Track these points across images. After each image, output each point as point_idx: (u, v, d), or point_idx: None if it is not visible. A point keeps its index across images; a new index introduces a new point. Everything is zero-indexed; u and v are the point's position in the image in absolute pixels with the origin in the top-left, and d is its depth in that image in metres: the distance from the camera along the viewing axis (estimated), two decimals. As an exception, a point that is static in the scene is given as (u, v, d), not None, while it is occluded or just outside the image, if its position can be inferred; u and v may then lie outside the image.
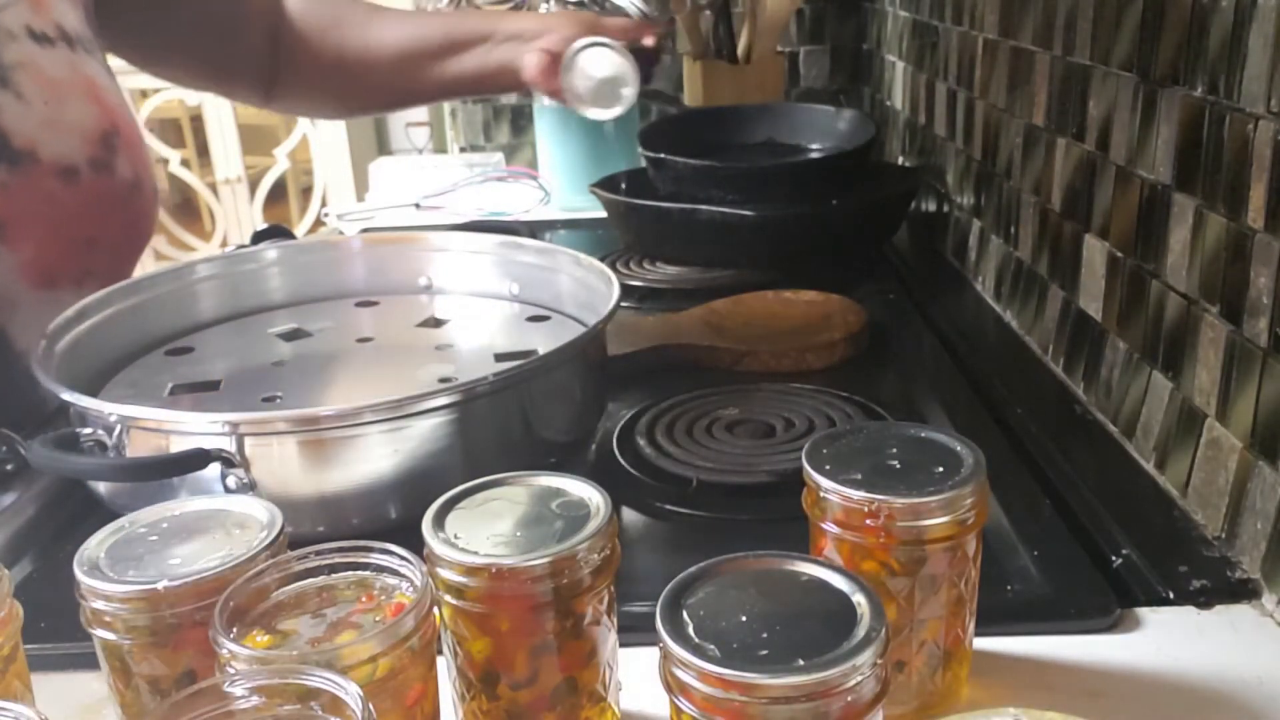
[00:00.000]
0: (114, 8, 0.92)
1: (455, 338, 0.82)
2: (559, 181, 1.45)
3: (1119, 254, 0.73)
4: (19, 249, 0.79)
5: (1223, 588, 0.56)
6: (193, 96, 3.42)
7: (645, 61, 1.05)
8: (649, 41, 1.05)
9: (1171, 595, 0.56)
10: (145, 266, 0.94)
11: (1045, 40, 0.84)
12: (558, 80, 1.02)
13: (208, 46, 1.05)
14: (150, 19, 0.98)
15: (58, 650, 0.54)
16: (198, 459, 0.58)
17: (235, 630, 0.41)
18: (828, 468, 0.46)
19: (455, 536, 0.44)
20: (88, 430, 0.62)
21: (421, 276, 0.90)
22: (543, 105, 1.43)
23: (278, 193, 3.53)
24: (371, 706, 0.34)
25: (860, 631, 0.36)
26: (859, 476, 0.45)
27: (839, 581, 0.39)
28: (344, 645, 0.39)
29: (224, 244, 3.44)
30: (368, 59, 1.08)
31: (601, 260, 0.81)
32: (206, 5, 1.03)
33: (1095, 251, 0.77)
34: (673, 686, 0.37)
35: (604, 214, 1.21)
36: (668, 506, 0.68)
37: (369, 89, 1.12)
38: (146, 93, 3.43)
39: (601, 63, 1.01)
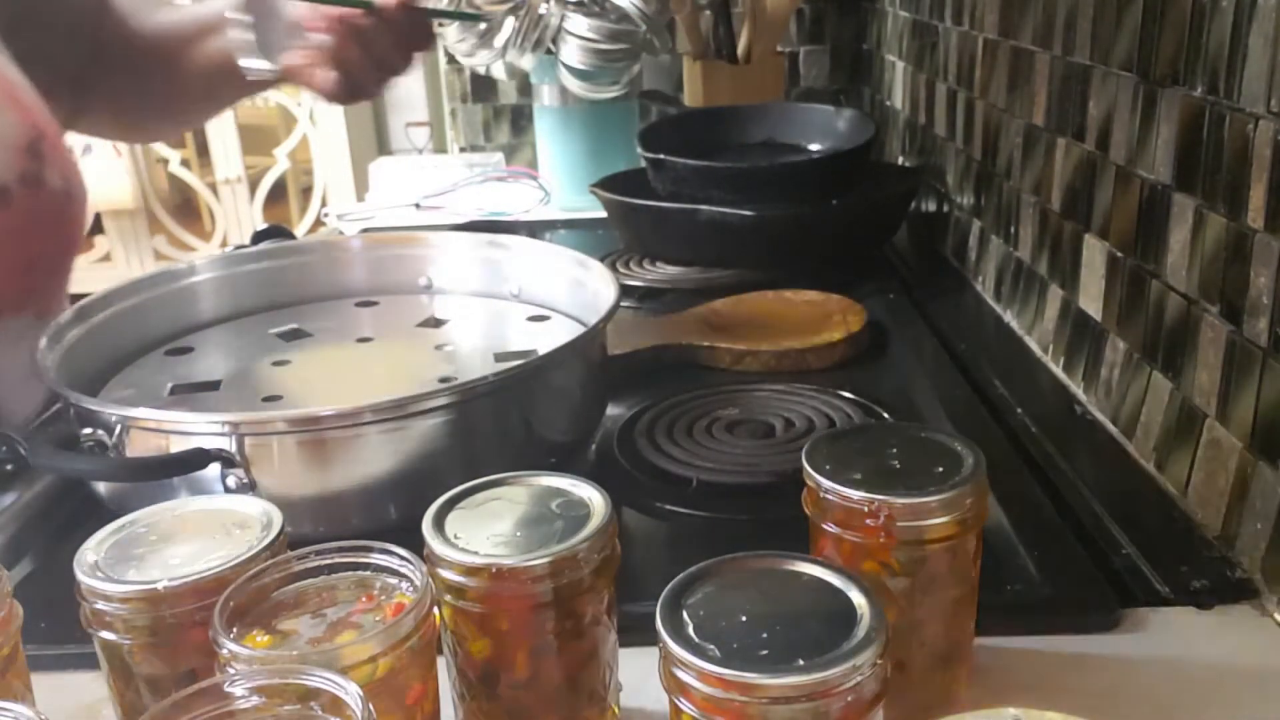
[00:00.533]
0: None
1: (455, 338, 0.82)
2: (559, 181, 1.45)
3: (1119, 254, 0.73)
4: None
5: (1223, 588, 0.56)
6: (193, 96, 3.41)
7: (406, 35, 0.84)
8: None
9: (1171, 595, 0.56)
10: (145, 266, 0.92)
11: (1045, 40, 0.84)
12: (306, 75, 0.84)
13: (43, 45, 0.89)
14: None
15: (58, 650, 0.54)
16: (198, 459, 0.58)
17: (235, 630, 0.41)
18: (828, 468, 0.46)
19: (455, 536, 0.44)
20: (88, 430, 0.62)
21: (421, 276, 0.90)
22: (543, 105, 1.43)
23: (278, 193, 3.53)
24: (371, 706, 0.34)
25: (860, 631, 0.36)
26: (859, 476, 0.45)
27: (839, 581, 0.39)
28: (344, 645, 0.39)
29: (224, 244, 3.44)
30: (139, 44, 0.96)
31: (601, 260, 0.81)
32: (50, 19, 0.90)
33: (1095, 251, 0.77)
34: (673, 686, 0.37)
35: (604, 214, 1.21)
36: (668, 506, 0.68)
37: (139, 80, 0.97)
38: (146, 93, 3.42)
39: (263, 7, 0.86)
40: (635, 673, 0.48)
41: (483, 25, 1.06)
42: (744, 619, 0.37)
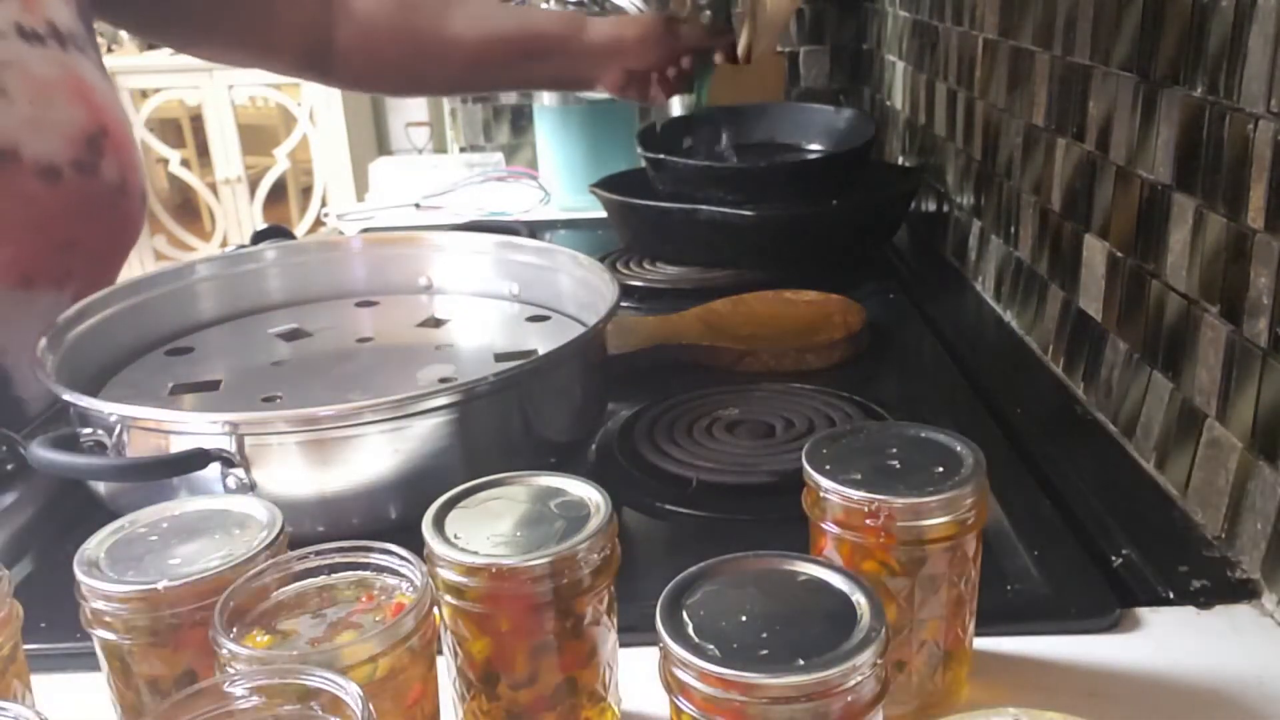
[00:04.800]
0: None
1: (455, 338, 0.82)
2: (559, 181, 1.45)
3: (1119, 254, 0.73)
4: None
5: (1223, 588, 0.56)
6: (192, 96, 3.42)
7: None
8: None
9: (1171, 595, 0.56)
10: (145, 266, 0.94)
11: (1045, 40, 0.84)
12: (631, 88, 1.07)
13: (247, 30, 1.02)
14: (179, 3, 0.96)
15: (58, 650, 0.54)
16: (198, 459, 0.58)
17: (235, 630, 0.41)
18: (828, 468, 0.46)
19: (455, 536, 0.44)
20: (88, 430, 0.62)
21: (421, 276, 0.90)
22: (543, 105, 1.43)
23: (278, 193, 3.53)
24: (371, 706, 0.34)
25: (860, 631, 0.36)
26: (859, 476, 0.45)
27: (839, 581, 0.39)
28: (344, 645, 0.39)
29: (224, 244, 3.44)
30: (440, 50, 1.07)
31: (601, 260, 0.81)
32: None
33: (1095, 251, 0.77)
34: (673, 686, 0.37)
35: (604, 214, 1.21)
36: (668, 506, 0.68)
37: (436, 78, 1.12)
38: (146, 93, 3.44)
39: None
40: (635, 673, 0.48)
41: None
42: (744, 619, 0.37)
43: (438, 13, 1.06)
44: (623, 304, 0.75)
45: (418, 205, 1.46)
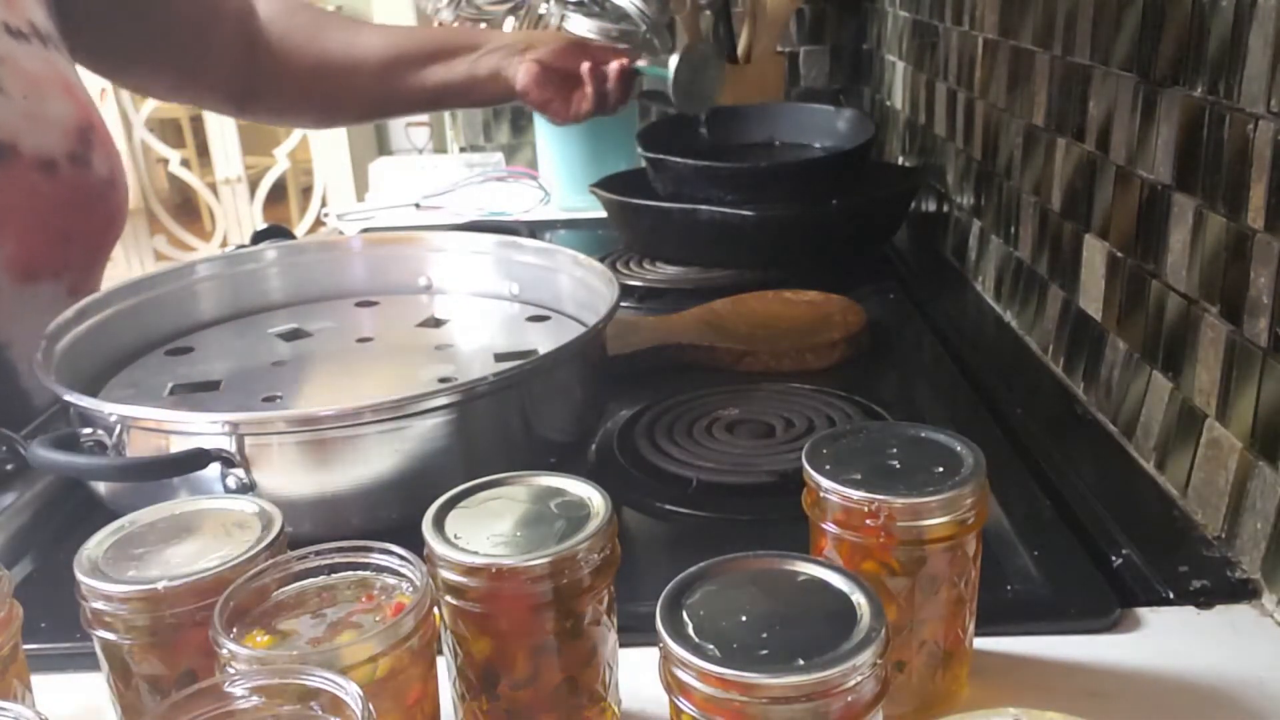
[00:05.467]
0: (73, 16, 0.91)
1: (455, 338, 0.82)
2: (559, 181, 1.45)
3: (1119, 254, 0.73)
4: (1, 242, 0.79)
5: (1223, 588, 0.56)
6: (193, 96, 3.41)
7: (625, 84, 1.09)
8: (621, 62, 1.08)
9: (1171, 595, 0.56)
10: (145, 266, 0.95)
11: (1045, 40, 0.84)
12: (549, 90, 1.05)
13: (174, 56, 1.03)
14: (112, 27, 0.96)
15: (58, 650, 0.54)
16: (198, 459, 0.58)
17: (235, 630, 0.41)
18: (828, 468, 0.46)
19: (455, 536, 0.44)
20: (88, 430, 0.62)
21: (421, 276, 0.90)
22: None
23: (278, 193, 3.53)
24: (371, 706, 0.34)
25: (860, 631, 0.36)
26: (859, 476, 0.45)
27: (839, 581, 0.39)
28: (344, 645, 0.39)
29: (224, 244, 3.44)
30: (351, 64, 1.08)
31: (601, 260, 0.81)
32: (171, 17, 1.01)
33: (1095, 251, 0.77)
34: (673, 686, 0.37)
35: (604, 214, 1.21)
36: (668, 506, 0.68)
37: (351, 96, 1.11)
38: (146, 93, 3.43)
39: (705, 61, 1.11)
40: (635, 673, 0.48)
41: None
42: (744, 619, 0.37)
43: (344, 30, 1.09)
44: (623, 304, 0.75)
45: (418, 205, 1.46)
